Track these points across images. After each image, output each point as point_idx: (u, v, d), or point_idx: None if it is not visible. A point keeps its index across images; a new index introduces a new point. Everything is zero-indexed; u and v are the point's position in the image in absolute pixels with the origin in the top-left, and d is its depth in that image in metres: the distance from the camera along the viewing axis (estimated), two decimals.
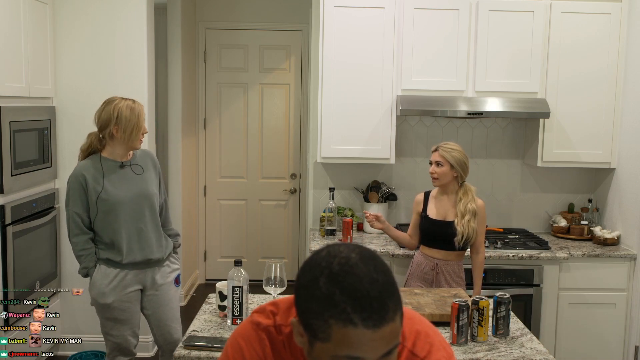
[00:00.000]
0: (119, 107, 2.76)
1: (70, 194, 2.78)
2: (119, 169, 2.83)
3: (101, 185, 2.77)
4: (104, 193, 2.76)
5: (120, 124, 2.75)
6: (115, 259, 2.81)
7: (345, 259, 1.06)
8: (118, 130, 2.75)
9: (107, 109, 2.78)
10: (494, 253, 3.49)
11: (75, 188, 2.77)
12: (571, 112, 3.76)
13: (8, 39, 3.25)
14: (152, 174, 2.95)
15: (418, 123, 4.10)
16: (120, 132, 2.76)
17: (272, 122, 5.58)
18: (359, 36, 3.68)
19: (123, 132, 2.76)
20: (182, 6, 4.93)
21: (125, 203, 2.79)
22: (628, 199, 3.73)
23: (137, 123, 2.79)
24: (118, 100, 2.79)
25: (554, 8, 3.70)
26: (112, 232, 2.79)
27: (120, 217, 2.79)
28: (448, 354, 1.26)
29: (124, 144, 2.81)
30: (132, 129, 2.77)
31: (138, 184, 2.86)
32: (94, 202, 2.76)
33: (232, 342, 1.34)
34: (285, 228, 5.68)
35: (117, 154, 2.83)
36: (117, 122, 2.74)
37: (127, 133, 2.76)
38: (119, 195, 2.79)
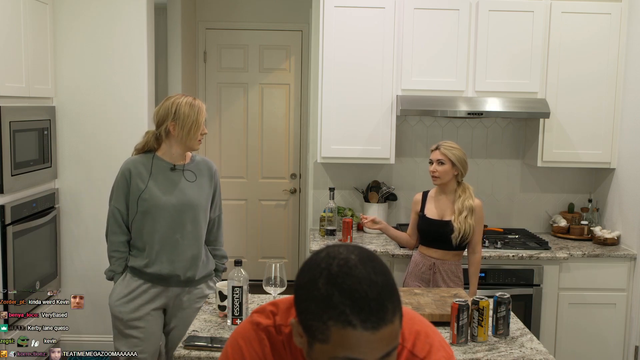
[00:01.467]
0: (178, 102, 2.61)
1: (114, 187, 2.66)
2: (169, 172, 2.65)
3: (145, 184, 2.60)
4: (146, 193, 2.60)
5: (178, 119, 2.59)
6: (141, 265, 2.63)
7: (345, 261, 1.06)
8: (175, 126, 2.59)
9: (165, 105, 2.64)
10: (494, 253, 3.49)
11: (120, 182, 2.63)
12: (571, 112, 3.76)
13: (8, 39, 3.26)
14: (205, 184, 2.73)
15: (418, 123, 4.10)
16: (178, 128, 2.59)
17: (272, 122, 5.58)
18: (359, 36, 3.68)
19: (181, 128, 2.59)
20: (182, 6, 4.93)
21: (165, 209, 2.60)
22: (628, 199, 3.73)
23: (197, 120, 2.61)
24: (178, 96, 2.65)
25: (554, 8, 3.70)
26: (146, 235, 2.62)
27: (158, 222, 2.60)
28: (448, 354, 1.27)
29: (181, 143, 2.63)
30: (190, 126, 2.59)
31: (186, 191, 2.65)
32: (135, 200, 2.60)
33: (232, 342, 1.34)
34: (285, 228, 5.69)
35: (173, 154, 2.66)
36: (174, 117, 2.59)
37: (185, 130, 2.59)
38: (160, 199, 2.60)
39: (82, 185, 3.96)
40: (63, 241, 3.99)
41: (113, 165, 3.93)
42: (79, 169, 3.96)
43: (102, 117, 3.91)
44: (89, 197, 3.97)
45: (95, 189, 3.96)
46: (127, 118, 3.93)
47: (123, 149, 3.93)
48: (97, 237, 3.97)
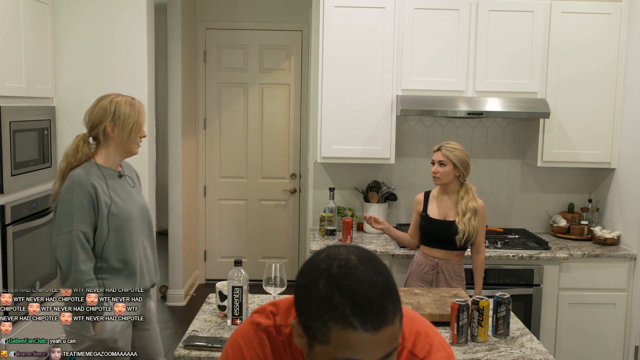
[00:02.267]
0: (116, 101, 2.37)
1: (75, 209, 2.26)
2: (118, 179, 2.43)
3: (109, 198, 2.34)
4: (114, 207, 2.34)
5: (117, 120, 2.35)
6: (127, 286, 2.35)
7: (345, 261, 1.06)
8: (115, 128, 2.35)
9: (102, 104, 2.37)
10: (494, 253, 3.49)
11: (83, 201, 2.28)
12: (571, 112, 3.76)
13: (8, 39, 3.26)
14: (139, 188, 2.57)
15: (418, 123, 4.10)
16: (118, 130, 2.35)
17: (272, 122, 5.58)
18: (359, 36, 3.68)
19: (121, 130, 2.35)
20: (182, 6, 4.93)
21: (134, 219, 2.41)
22: (628, 199, 3.73)
23: (138, 121, 2.39)
24: (114, 95, 2.41)
25: (554, 8, 3.70)
26: (124, 254, 2.36)
27: (131, 236, 2.39)
28: (448, 354, 1.26)
29: (121, 147, 2.40)
30: (131, 127, 2.37)
31: (137, 197, 2.49)
32: (105, 218, 2.31)
33: (232, 342, 1.34)
34: (285, 228, 5.68)
35: (112, 161, 2.42)
36: (113, 118, 2.34)
37: (126, 132, 2.36)
38: (128, 209, 2.39)
39: None
40: None
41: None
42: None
43: None
44: None
45: None
46: None
47: None
48: None
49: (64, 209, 2.29)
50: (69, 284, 2.26)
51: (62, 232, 2.27)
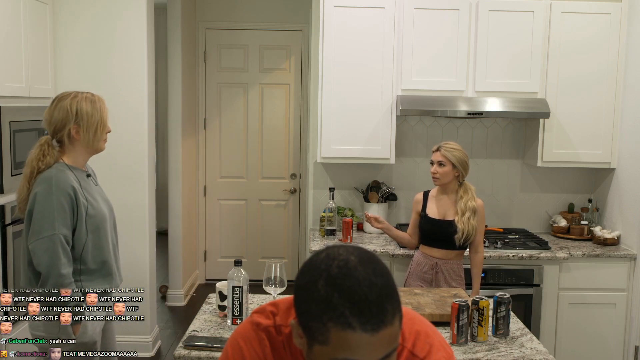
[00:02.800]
0: (77, 101, 2.30)
1: (55, 213, 2.20)
2: (87, 179, 2.38)
3: (85, 199, 2.29)
4: (90, 208, 2.30)
5: (81, 121, 2.29)
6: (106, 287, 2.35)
7: (344, 262, 1.05)
8: (79, 130, 2.30)
9: (61, 106, 2.30)
10: (494, 253, 3.49)
11: (64, 204, 2.22)
12: (571, 112, 3.76)
13: (8, 39, 3.25)
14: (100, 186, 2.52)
15: (418, 123, 4.10)
16: (83, 132, 2.30)
17: (272, 122, 5.58)
18: (359, 36, 3.68)
19: (86, 131, 2.29)
20: (182, 6, 4.93)
21: (107, 219, 2.38)
22: (628, 199, 3.73)
23: (101, 119, 2.33)
24: (73, 94, 2.32)
25: (554, 8, 3.70)
26: (102, 255, 2.35)
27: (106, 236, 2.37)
28: (448, 354, 1.26)
29: (87, 147, 2.34)
30: (95, 127, 2.31)
31: (103, 195, 2.46)
32: (83, 220, 2.27)
33: (232, 342, 1.34)
34: (285, 228, 5.68)
35: (80, 161, 2.36)
36: (77, 120, 2.29)
37: (92, 132, 2.30)
38: (101, 209, 2.36)
39: None
40: None
41: (113, 165, 3.94)
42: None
43: None
44: None
45: None
46: (127, 118, 3.92)
47: (123, 149, 3.94)
48: None
49: (43, 213, 2.21)
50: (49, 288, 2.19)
51: (42, 237, 2.19)
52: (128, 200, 3.96)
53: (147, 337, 4.09)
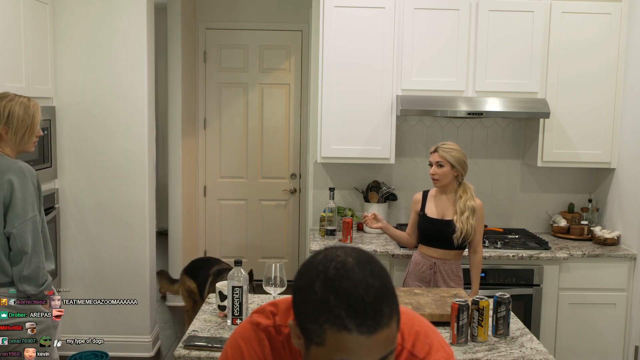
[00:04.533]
0: (10, 105, 2.45)
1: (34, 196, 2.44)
2: None
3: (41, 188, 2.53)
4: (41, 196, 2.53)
5: (10, 125, 2.45)
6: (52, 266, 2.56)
7: (342, 264, 1.05)
8: (8, 131, 2.45)
9: None
10: (494, 253, 3.49)
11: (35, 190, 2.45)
12: (571, 112, 3.76)
13: (8, 39, 3.26)
14: None
15: (418, 123, 4.10)
16: (11, 133, 2.46)
17: (272, 122, 5.58)
18: (359, 36, 3.68)
19: (14, 134, 2.46)
20: (182, 6, 4.93)
21: None
22: (628, 199, 3.73)
23: (32, 125, 2.49)
24: (11, 97, 2.48)
25: (554, 8, 3.70)
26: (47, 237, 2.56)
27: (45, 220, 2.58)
28: (447, 354, 1.26)
29: (14, 147, 2.50)
30: (24, 131, 2.48)
31: None
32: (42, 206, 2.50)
33: (231, 342, 1.34)
34: (285, 228, 5.69)
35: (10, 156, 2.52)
36: (7, 122, 2.44)
37: (19, 135, 2.47)
38: None
39: (82, 186, 3.96)
40: (63, 241, 3.99)
41: (113, 165, 3.94)
42: (78, 169, 3.96)
43: (102, 117, 3.91)
44: (89, 197, 3.97)
45: (95, 189, 3.96)
46: (127, 118, 3.92)
47: (123, 149, 3.94)
48: (97, 237, 3.98)
49: (25, 197, 2.38)
50: (33, 267, 2.38)
51: (27, 219, 2.38)
52: (128, 200, 3.97)
53: (147, 337, 4.09)
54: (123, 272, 4.01)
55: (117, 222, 3.98)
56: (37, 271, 2.40)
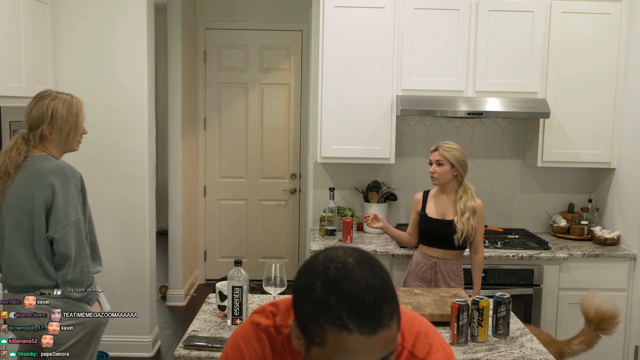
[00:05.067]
0: (54, 104, 2.35)
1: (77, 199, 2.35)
2: None
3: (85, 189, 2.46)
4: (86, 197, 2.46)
5: (55, 124, 2.36)
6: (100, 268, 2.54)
7: (342, 264, 1.05)
8: (52, 131, 2.36)
9: (39, 106, 2.36)
10: (494, 253, 3.49)
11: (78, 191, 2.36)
12: (571, 112, 3.76)
13: (8, 39, 3.25)
14: None
15: (418, 123, 4.10)
16: (55, 133, 2.37)
17: (272, 122, 5.58)
18: (359, 36, 3.68)
19: (59, 133, 2.37)
20: (182, 6, 4.93)
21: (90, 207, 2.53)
22: (628, 199, 3.73)
23: (76, 123, 2.40)
24: (52, 95, 2.38)
25: (554, 8, 3.70)
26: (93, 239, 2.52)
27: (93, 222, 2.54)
28: (448, 354, 1.26)
29: (60, 147, 2.42)
30: (69, 130, 2.39)
31: None
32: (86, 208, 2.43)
33: (231, 342, 1.34)
34: (285, 228, 5.69)
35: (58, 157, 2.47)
36: (51, 122, 2.35)
37: (64, 135, 2.38)
38: None
39: None
40: None
41: (113, 165, 3.94)
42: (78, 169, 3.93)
43: (102, 117, 3.91)
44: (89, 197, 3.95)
45: (95, 189, 3.95)
46: (127, 118, 3.92)
47: (123, 149, 3.94)
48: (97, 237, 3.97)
49: (67, 199, 2.31)
50: (78, 271, 2.33)
51: (69, 222, 2.31)
52: (128, 200, 3.97)
53: (147, 337, 4.09)
54: (123, 272, 4.01)
55: (117, 222, 3.98)
56: (82, 276, 2.35)
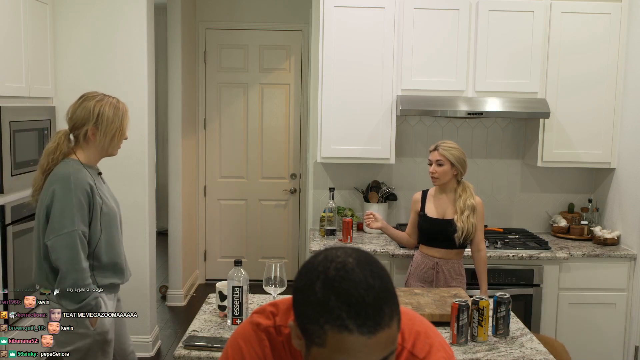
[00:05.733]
0: (100, 105, 2.34)
1: (75, 209, 2.26)
2: (98, 177, 2.45)
3: (100, 197, 2.36)
4: (104, 206, 2.37)
5: (100, 125, 2.34)
6: (118, 281, 2.45)
7: (342, 264, 1.05)
8: (97, 133, 2.35)
9: (85, 106, 2.34)
10: (494, 253, 3.49)
11: (82, 201, 2.28)
12: (571, 112, 3.76)
13: (8, 39, 3.26)
14: None
15: (418, 123, 4.10)
16: (100, 135, 2.35)
17: (272, 122, 5.58)
18: (359, 36, 3.68)
19: (103, 135, 2.35)
20: (182, 6, 4.93)
21: (116, 218, 2.44)
22: (628, 199, 3.73)
23: (120, 127, 2.38)
24: (99, 97, 2.37)
25: (554, 8, 3.70)
26: (113, 251, 2.41)
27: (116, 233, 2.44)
28: (448, 354, 1.26)
29: (100, 150, 2.40)
30: (114, 133, 2.37)
31: (112, 194, 2.53)
32: (98, 217, 2.33)
33: (232, 342, 1.34)
34: (285, 228, 5.68)
35: (92, 160, 2.41)
36: (96, 122, 2.33)
37: (108, 138, 2.36)
38: (112, 207, 2.43)
39: None
40: None
41: (113, 165, 3.93)
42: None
43: None
44: None
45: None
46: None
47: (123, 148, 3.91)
48: None
49: (63, 210, 2.25)
50: (70, 283, 2.25)
51: (62, 233, 2.24)
52: (128, 200, 3.95)
53: (147, 337, 4.09)
54: None
55: None
56: (74, 288, 2.26)
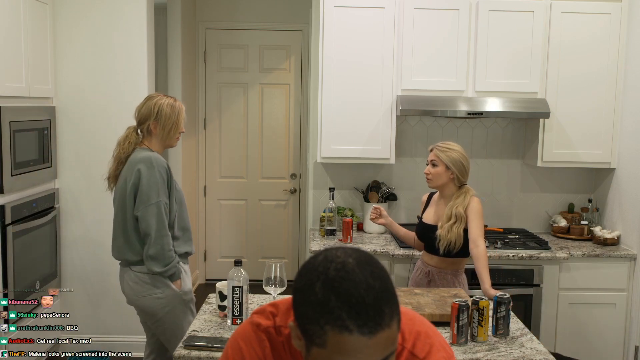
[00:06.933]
0: (160, 103, 2.80)
1: (159, 184, 2.71)
2: None
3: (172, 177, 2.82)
4: (177, 184, 2.84)
5: (159, 120, 2.78)
6: (189, 249, 2.88)
7: (342, 264, 1.05)
8: (157, 126, 2.79)
9: (147, 104, 2.81)
10: (494, 253, 3.49)
11: (164, 178, 2.73)
12: (571, 112, 3.76)
13: (8, 39, 3.26)
14: None
15: (418, 123, 4.10)
16: (159, 128, 2.79)
17: (272, 122, 5.58)
18: (359, 36, 3.68)
19: (162, 128, 2.79)
20: (182, 6, 4.93)
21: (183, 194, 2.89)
22: (628, 199, 3.73)
23: (177, 122, 2.82)
24: (160, 97, 2.83)
25: (554, 8, 3.70)
26: (185, 223, 2.86)
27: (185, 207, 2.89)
28: (448, 354, 1.26)
29: (161, 141, 2.84)
30: (171, 127, 2.80)
31: None
32: (174, 194, 2.79)
33: (232, 342, 1.35)
34: (285, 228, 5.68)
35: (157, 149, 2.86)
36: (156, 117, 2.78)
37: (166, 130, 2.80)
38: (180, 188, 2.89)
39: (82, 185, 3.96)
40: (63, 241, 3.99)
41: None
42: (79, 169, 3.96)
43: (102, 117, 3.91)
44: (89, 197, 3.97)
45: (95, 189, 3.94)
46: (127, 118, 3.87)
47: None
48: (97, 237, 3.98)
49: (149, 184, 2.67)
50: (157, 247, 2.67)
51: (150, 203, 2.67)
52: None
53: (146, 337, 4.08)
54: None
55: None
56: (162, 252, 2.67)
